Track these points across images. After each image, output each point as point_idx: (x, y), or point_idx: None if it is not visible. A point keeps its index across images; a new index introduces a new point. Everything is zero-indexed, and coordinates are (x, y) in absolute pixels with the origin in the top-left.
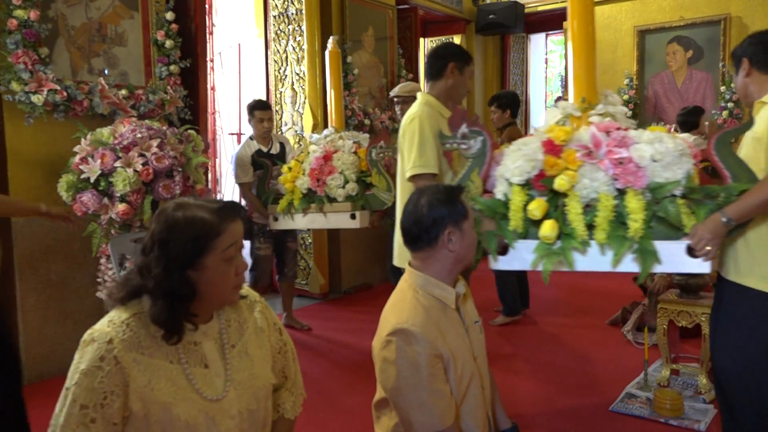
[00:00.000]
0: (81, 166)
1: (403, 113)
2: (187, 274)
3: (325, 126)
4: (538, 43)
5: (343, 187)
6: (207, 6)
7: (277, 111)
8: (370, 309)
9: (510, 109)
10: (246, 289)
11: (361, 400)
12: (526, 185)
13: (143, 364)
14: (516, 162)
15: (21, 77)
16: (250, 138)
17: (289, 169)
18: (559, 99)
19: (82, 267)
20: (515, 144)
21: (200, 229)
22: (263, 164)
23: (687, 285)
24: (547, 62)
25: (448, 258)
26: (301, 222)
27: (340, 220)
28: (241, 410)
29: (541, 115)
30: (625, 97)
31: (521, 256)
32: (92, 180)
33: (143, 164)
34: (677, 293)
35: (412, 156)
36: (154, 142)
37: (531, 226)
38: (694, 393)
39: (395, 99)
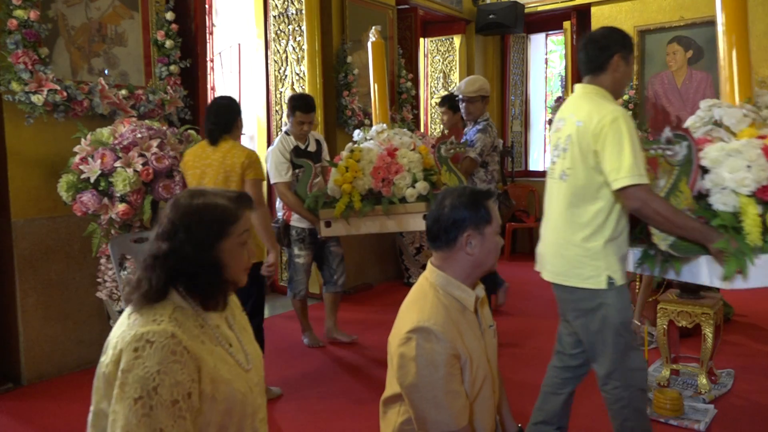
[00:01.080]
0: (81, 166)
1: (468, 113)
2: (210, 253)
3: (326, 126)
4: (538, 43)
5: (412, 186)
6: (207, 6)
7: (277, 111)
8: (370, 309)
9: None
10: None
11: (362, 399)
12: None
13: (204, 349)
14: (737, 171)
15: (21, 77)
16: (286, 133)
17: (346, 169)
18: (559, 99)
19: (82, 267)
20: (717, 151)
21: (221, 214)
22: (304, 164)
23: (687, 285)
24: (547, 62)
25: (466, 261)
26: (364, 226)
27: (411, 221)
28: (259, 380)
29: (540, 117)
30: (625, 97)
31: (764, 273)
32: (92, 180)
33: (143, 164)
34: (677, 293)
35: (624, 163)
36: (154, 142)
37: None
38: (694, 393)
39: (463, 98)
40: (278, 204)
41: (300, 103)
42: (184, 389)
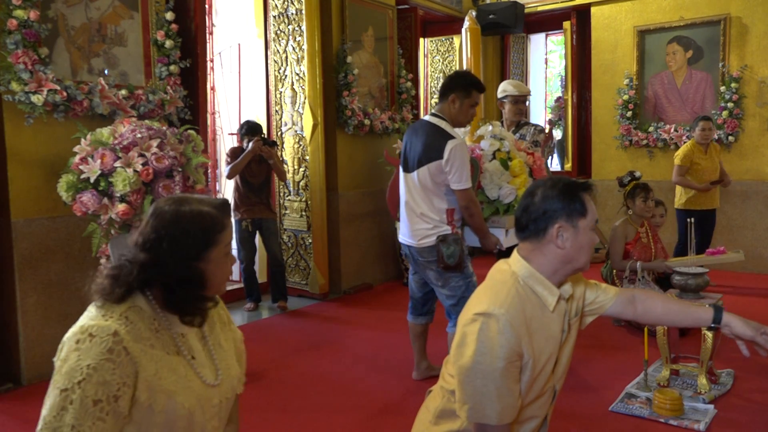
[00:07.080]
0: (81, 166)
1: (522, 112)
2: (194, 265)
3: (325, 126)
4: (538, 43)
5: None
6: (207, 6)
7: (276, 111)
8: (370, 309)
9: None
10: None
11: (362, 399)
12: None
13: (149, 355)
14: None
15: (21, 77)
16: (447, 122)
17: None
18: (559, 99)
19: (82, 267)
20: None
21: (209, 223)
22: (473, 162)
23: (686, 285)
24: (547, 62)
25: (555, 255)
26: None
27: None
28: (221, 400)
29: (540, 117)
30: (625, 97)
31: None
32: (92, 180)
33: (143, 164)
34: (677, 293)
35: None
36: (154, 142)
37: None
38: (694, 393)
39: (522, 98)
40: (435, 215)
41: (476, 80)
42: (111, 391)
